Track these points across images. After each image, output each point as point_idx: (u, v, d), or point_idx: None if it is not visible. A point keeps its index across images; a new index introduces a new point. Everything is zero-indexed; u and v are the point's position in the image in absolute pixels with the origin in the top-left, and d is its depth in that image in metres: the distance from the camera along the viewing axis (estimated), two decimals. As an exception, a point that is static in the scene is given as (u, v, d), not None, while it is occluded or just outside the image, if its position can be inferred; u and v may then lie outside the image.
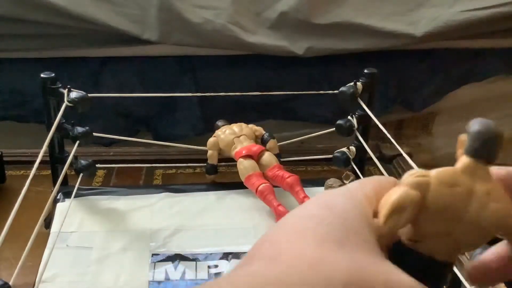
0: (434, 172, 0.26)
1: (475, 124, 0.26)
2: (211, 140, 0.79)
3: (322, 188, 0.79)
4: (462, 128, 1.08)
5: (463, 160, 0.26)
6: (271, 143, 0.78)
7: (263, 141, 0.79)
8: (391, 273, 0.24)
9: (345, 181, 0.73)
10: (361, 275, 0.23)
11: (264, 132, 0.80)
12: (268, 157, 0.75)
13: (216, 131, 0.80)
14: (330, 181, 0.76)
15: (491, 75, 1.16)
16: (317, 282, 0.22)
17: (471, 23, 1.01)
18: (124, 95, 0.97)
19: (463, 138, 0.26)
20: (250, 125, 0.81)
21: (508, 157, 1.33)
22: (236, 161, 0.76)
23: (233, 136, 0.77)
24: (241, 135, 0.78)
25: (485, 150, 0.25)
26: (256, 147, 0.76)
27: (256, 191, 0.71)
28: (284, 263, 0.23)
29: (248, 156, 0.75)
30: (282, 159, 0.80)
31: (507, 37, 1.10)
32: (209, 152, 0.79)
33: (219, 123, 0.82)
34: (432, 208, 0.26)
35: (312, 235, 0.24)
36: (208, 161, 0.80)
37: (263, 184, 0.71)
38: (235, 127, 0.79)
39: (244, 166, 0.74)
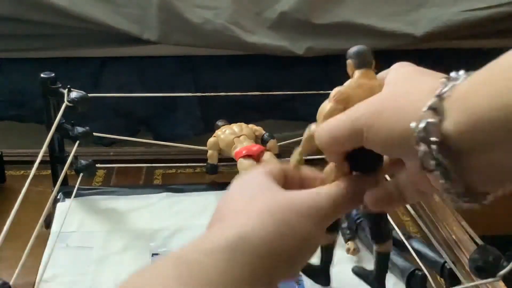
0: (346, 84, 0.37)
1: (352, 49, 0.39)
2: (211, 140, 0.79)
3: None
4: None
5: (356, 73, 0.38)
6: (271, 143, 0.78)
7: (263, 141, 0.79)
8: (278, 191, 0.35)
9: None
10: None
11: (264, 132, 0.80)
12: (268, 157, 0.75)
13: (216, 131, 0.80)
14: None
15: (491, 75, 1.16)
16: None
17: (471, 23, 1.01)
18: (124, 95, 0.97)
19: (349, 62, 0.38)
20: (250, 125, 0.81)
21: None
22: (236, 161, 0.76)
23: (233, 136, 0.77)
24: (241, 135, 0.77)
25: (366, 61, 0.38)
26: (256, 147, 0.76)
27: None
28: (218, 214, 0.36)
29: (248, 156, 0.74)
30: (282, 159, 0.80)
31: (507, 37, 1.09)
32: (209, 152, 0.79)
33: (219, 123, 0.82)
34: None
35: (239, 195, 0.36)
36: (208, 161, 0.80)
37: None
38: (235, 127, 0.79)
39: (244, 167, 0.73)
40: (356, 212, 0.69)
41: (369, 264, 0.65)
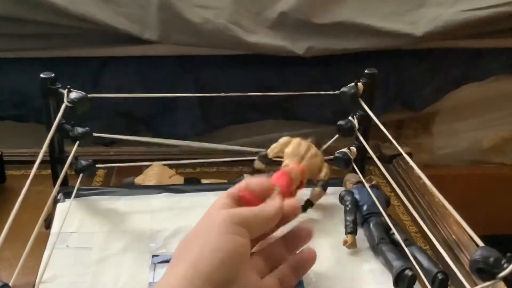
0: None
1: None
2: (285, 139, 0.72)
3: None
4: (462, 128, 1.10)
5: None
6: (318, 191, 0.72)
7: (316, 184, 0.73)
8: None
9: (367, 184, 0.73)
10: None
11: (324, 179, 0.72)
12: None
13: (296, 138, 0.73)
14: (350, 175, 0.77)
15: (491, 75, 1.16)
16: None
17: (471, 23, 1.01)
18: (124, 95, 0.97)
19: None
20: (326, 165, 0.73)
21: (508, 157, 1.32)
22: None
23: (301, 154, 0.70)
24: (307, 160, 0.69)
25: None
26: (294, 196, 0.64)
27: None
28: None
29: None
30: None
31: (507, 37, 1.09)
32: (275, 144, 0.72)
33: (310, 138, 0.74)
34: None
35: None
36: (269, 149, 0.72)
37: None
38: (312, 151, 0.71)
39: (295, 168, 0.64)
40: (367, 207, 0.69)
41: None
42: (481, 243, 0.45)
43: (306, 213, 0.73)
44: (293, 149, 0.70)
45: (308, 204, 0.73)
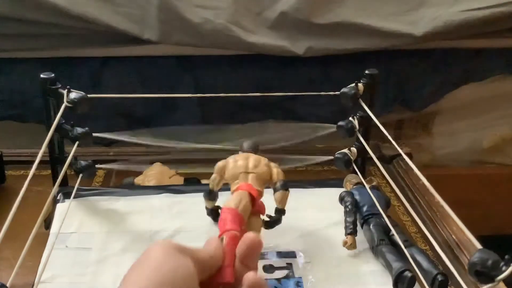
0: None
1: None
2: (220, 164, 0.68)
3: (323, 189, 0.80)
4: (462, 128, 1.10)
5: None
6: (279, 194, 0.66)
7: (275, 189, 0.67)
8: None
9: (368, 185, 0.73)
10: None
11: (280, 179, 0.67)
12: (254, 224, 0.62)
13: (229, 158, 0.68)
14: (350, 176, 0.77)
15: (491, 75, 1.16)
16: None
17: (471, 23, 1.01)
18: (124, 96, 0.97)
19: None
20: (273, 164, 0.68)
21: (508, 157, 1.32)
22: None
23: (242, 170, 0.65)
24: (251, 173, 0.65)
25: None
26: (259, 203, 0.63)
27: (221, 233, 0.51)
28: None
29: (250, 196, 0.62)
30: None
31: (507, 37, 1.09)
32: (213, 175, 0.68)
33: (245, 144, 0.70)
34: None
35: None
36: (210, 185, 0.68)
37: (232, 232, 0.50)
38: (252, 161, 0.66)
39: (237, 197, 0.61)
40: (367, 208, 0.69)
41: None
42: (479, 246, 0.45)
43: (280, 223, 0.68)
44: (232, 170, 0.66)
45: (280, 213, 0.67)
